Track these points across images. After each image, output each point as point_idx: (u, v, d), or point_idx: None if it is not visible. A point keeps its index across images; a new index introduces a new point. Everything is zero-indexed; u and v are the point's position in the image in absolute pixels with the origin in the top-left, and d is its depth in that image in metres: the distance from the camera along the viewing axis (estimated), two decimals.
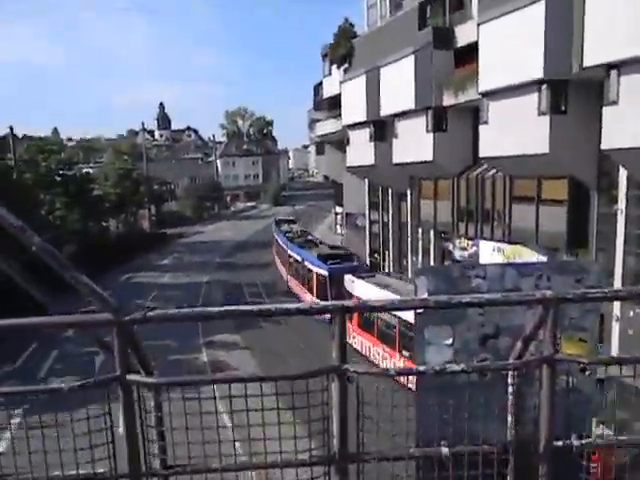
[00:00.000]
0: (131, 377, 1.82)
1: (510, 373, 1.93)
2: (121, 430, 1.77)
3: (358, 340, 21.01)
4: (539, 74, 17.59)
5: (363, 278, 21.89)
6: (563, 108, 18.07)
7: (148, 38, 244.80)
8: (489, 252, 23.10)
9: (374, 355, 19.75)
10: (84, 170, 54.27)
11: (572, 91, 17.92)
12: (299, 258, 29.19)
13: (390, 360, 18.79)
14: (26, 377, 19.91)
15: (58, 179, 40.50)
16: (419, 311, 2.19)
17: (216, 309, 1.77)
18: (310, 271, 26.73)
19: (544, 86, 18.02)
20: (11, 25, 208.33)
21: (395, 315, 18.21)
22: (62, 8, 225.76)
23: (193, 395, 1.93)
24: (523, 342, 1.98)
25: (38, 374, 20.26)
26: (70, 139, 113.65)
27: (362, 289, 20.91)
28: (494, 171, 22.61)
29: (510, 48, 18.68)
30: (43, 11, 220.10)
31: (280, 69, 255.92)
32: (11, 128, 37.65)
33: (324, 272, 25.10)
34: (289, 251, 31.67)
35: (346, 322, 1.79)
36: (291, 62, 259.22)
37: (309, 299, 26.13)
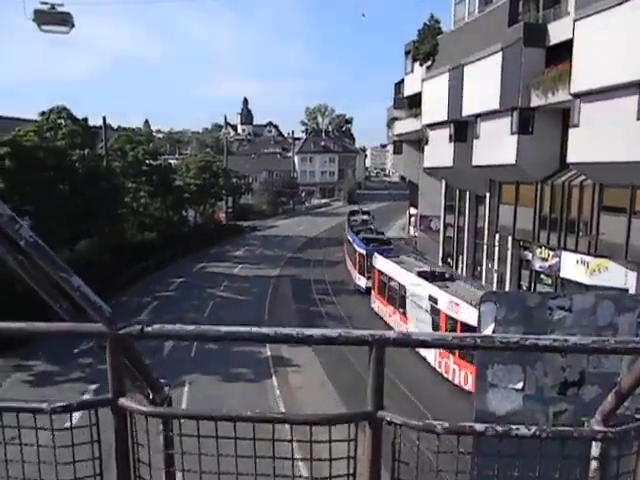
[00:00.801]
0: (125, 402, 1.55)
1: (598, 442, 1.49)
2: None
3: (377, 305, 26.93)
4: None
5: (386, 257, 26.92)
6: None
7: (235, 35, 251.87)
8: (572, 264, 21.62)
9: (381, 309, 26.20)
10: (170, 161, 56.51)
11: None
12: (351, 240, 35.21)
13: (393, 314, 24.32)
14: (101, 355, 20.85)
15: (145, 169, 42.29)
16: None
17: (224, 329, 1.46)
18: (355, 251, 32.50)
19: None
20: (112, 19, 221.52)
21: (399, 283, 23.55)
22: (158, 5, 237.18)
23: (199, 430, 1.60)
24: (616, 395, 1.52)
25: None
26: (159, 131, 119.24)
27: (381, 263, 26.51)
28: (583, 178, 21.08)
29: (609, 46, 17.27)
30: (140, 8, 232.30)
31: (363, 66, 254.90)
32: (104, 118, 39.48)
33: (363, 251, 30.54)
34: (347, 235, 37.74)
35: (384, 357, 1.43)
36: (375, 59, 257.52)
37: (354, 273, 32.37)
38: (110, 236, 34.19)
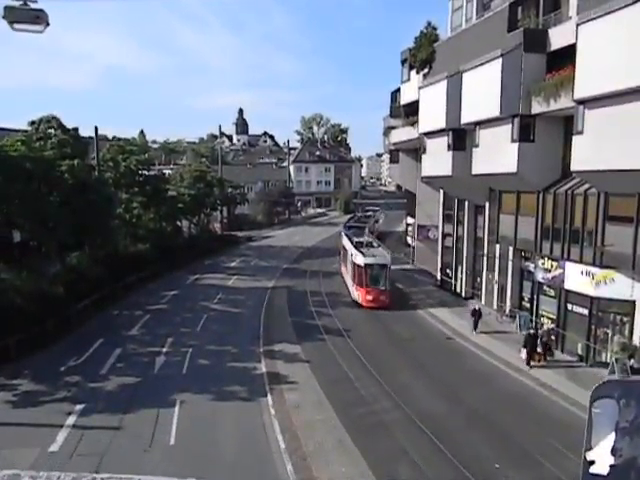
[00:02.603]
0: None
1: None
2: None
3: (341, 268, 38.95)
4: None
5: (348, 235, 38.26)
6: None
7: (231, 46, 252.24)
8: (576, 275, 20.96)
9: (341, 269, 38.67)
10: (164, 171, 55.62)
11: None
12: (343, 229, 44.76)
13: (345, 273, 36.07)
14: (89, 373, 19.97)
15: (138, 179, 41.46)
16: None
17: None
18: (341, 235, 41.27)
19: None
20: (105, 33, 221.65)
21: (348, 250, 34.76)
22: (153, 19, 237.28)
23: None
24: None
25: (100, 371, 20.31)
26: (154, 141, 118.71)
27: (344, 240, 37.99)
28: (587, 186, 20.47)
29: (614, 50, 16.74)
30: (135, 21, 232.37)
31: (358, 76, 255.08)
32: (95, 128, 38.72)
33: (343, 234, 40.59)
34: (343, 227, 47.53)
35: None
36: (370, 69, 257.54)
37: (340, 250, 41.14)
38: (102, 248, 33.35)
